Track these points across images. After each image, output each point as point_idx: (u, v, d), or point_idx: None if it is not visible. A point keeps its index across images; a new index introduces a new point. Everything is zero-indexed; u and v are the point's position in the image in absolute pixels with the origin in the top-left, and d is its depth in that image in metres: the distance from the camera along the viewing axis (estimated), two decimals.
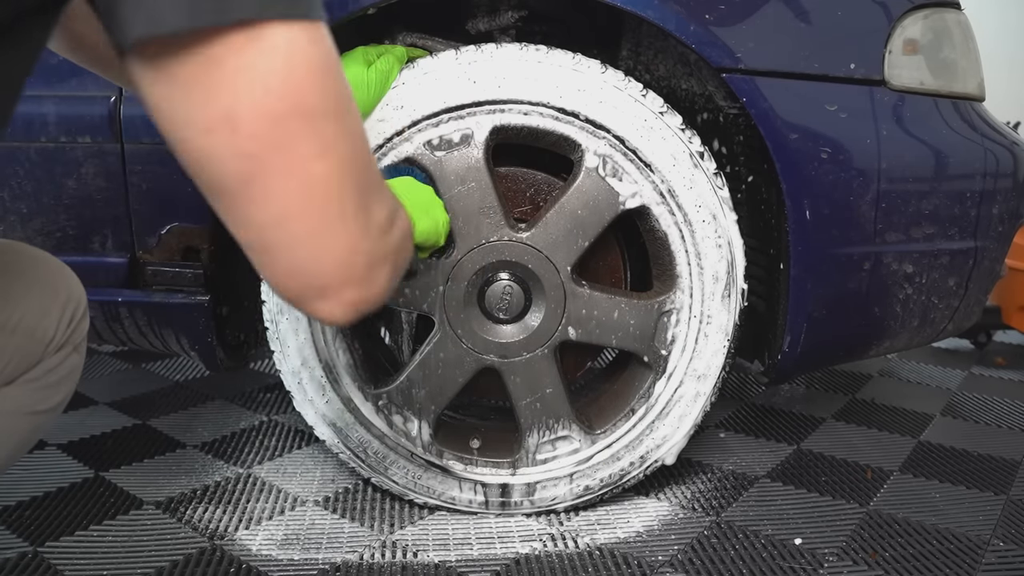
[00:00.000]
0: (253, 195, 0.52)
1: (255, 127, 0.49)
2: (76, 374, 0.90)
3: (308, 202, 0.52)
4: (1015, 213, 1.36)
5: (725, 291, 1.19)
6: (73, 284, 0.88)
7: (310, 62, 0.51)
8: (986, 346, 2.33)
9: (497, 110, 1.14)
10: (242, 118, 0.49)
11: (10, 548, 1.11)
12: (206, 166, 0.51)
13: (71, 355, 0.88)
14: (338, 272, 0.56)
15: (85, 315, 0.90)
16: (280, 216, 0.53)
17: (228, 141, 0.49)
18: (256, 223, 0.53)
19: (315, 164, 0.52)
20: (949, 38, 1.27)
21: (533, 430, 1.24)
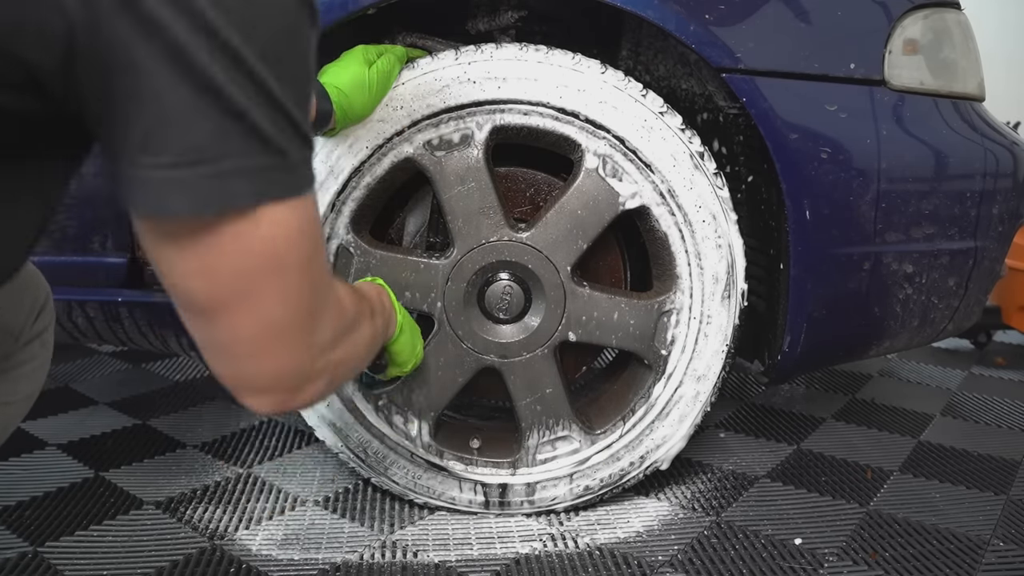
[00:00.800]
0: (215, 322, 0.59)
1: (230, 279, 0.56)
2: (44, 367, 0.92)
3: (260, 334, 0.60)
4: (1015, 213, 1.36)
5: (725, 291, 1.19)
6: (38, 279, 0.89)
7: (290, 232, 0.57)
8: (986, 346, 2.33)
9: (497, 110, 1.14)
10: (221, 272, 0.56)
11: (10, 548, 1.11)
12: (181, 298, 0.58)
13: (39, 348, 0.90)
14: (273, 384, 0.64)
15: (50, 309, 0.92)
16: (233, 339, 0.60)
17: (204, 286, 0.57)
18: (212, 339, 0.61)
19: (274, 307, 0.59)
20: (949, 38, 1.27)
21: (533, 430, 1.24)
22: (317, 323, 0.65)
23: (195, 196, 0.51)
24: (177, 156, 0.50)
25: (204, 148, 0.50)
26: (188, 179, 0.50)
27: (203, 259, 0.55)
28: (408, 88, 1.13)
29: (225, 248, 0.54)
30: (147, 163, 0.50)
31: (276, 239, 0.56)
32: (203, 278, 0.56)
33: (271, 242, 0.56)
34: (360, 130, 1.13)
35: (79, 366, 1.96)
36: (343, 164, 1.14)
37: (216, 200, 0.52)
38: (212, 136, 0.50)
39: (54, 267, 1.21)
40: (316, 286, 0.63)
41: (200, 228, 0.53)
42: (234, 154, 0.51)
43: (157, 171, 0.50)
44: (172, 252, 0.55)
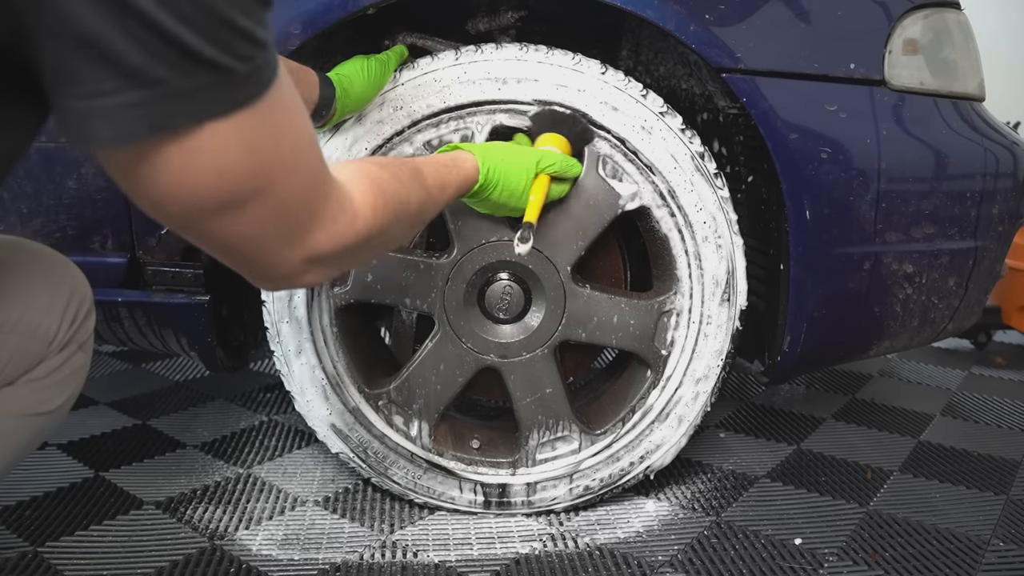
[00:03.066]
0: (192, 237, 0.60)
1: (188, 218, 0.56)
2: (82, 373, 0.88)
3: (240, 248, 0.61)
4: (1015, 213, 1.36)
5: (725, 292, 1.19)
6: (78, 280, 0.87)
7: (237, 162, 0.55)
8: (986, 346, 2.33)
9: (497, 111, 1.14)
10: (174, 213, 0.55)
11: (10, 548, 1.11)
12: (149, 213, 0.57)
13: (76, 354, 0.86)
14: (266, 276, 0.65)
15: (91, 313, 0.88)
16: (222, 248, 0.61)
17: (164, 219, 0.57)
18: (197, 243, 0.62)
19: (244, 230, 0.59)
20: (949, 38, 1.27)
21: (533, 430, 1.24)
22: (305, 235, 0.63)
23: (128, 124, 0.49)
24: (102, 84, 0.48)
25: (134, 73, 0.48)
26: (113, 107, 0.49)
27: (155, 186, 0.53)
28: (408, 88, 1.13)
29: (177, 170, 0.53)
30: (85, 92, 0.48)
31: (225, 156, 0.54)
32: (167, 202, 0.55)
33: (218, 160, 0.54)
34: (360, 130, 1.13)
35: None
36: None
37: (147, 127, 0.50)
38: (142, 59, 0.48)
39: None
40: (297, 194, 0.61)
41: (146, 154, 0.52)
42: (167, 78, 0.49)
43: (86, 100, 0.48)
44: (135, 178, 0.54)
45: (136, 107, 0.49)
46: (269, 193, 0.58)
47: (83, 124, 0.50)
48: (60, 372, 0.84)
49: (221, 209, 0.56)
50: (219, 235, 0.59)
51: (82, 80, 0.48)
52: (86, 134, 0.50)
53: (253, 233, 0.60)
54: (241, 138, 0.54)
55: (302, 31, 1.07)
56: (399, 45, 1.15)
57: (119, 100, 0.49)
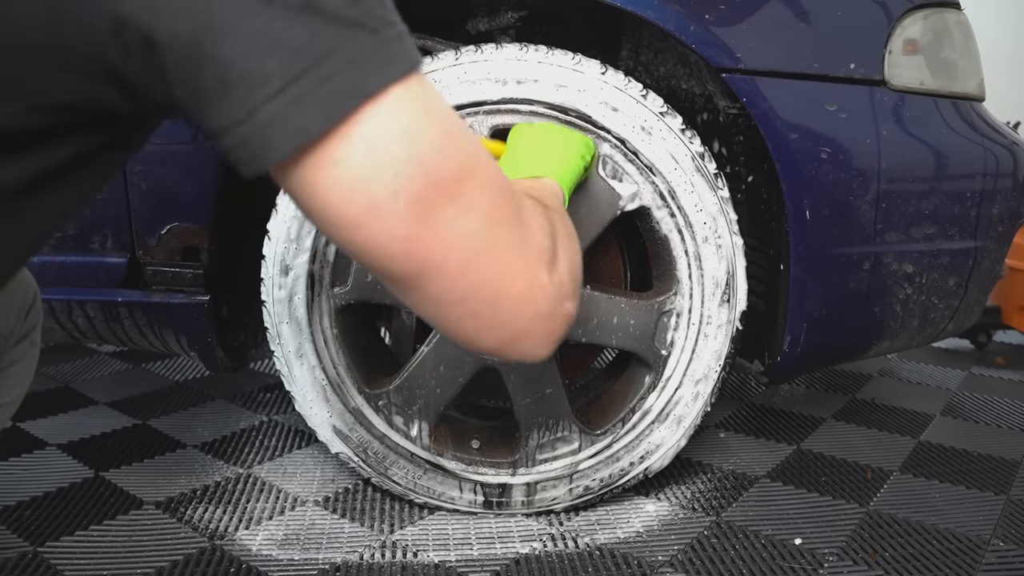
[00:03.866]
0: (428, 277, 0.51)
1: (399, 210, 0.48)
2: (32, 367, 0.92)
3: (480, 267, 0.52)
4: (1015, 213, 1.36)
5: (725, 292, 1.19)
6: (27, 278, 0.89)
7: (424, 127, 0.49)
8: (986, 346, 2.33)
9: (497, 111, 1.14)
10: (383, 207, 0.48)
11: (10, 548, 1.11)
12: (369, 259, 0.51)
13: (28, 348, 0.89)
14: (524, 317, 0.55)
15: (38, 309, 0.91)
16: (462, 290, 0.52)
17: (379, 229, 0.49)
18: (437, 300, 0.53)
19: (469, 224, 0.51)
20: (949, 38, 1.27)
21: (533, 430, 1.24)
22: (523, 229, 0.54)
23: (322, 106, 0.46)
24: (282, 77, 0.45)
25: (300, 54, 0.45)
26: (306, 92, 0.45)
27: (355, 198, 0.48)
28: None
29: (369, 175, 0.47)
30: (260, 100, 0.45)
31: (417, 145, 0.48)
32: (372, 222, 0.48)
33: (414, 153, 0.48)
34: None
35: (79, 366, 1.96)
36: None
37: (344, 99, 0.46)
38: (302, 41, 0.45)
39: (54, 267, 1.21)
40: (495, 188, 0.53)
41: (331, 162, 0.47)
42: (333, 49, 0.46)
43: (272, 102, 0.45)
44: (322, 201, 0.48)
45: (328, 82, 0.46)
46: (470, 167, 0.51)
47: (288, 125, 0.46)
48: (15, 366, 0.87)
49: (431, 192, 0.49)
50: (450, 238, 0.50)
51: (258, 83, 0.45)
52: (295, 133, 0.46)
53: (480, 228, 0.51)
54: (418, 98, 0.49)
55: None
56: None
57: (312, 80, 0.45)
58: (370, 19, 0.48)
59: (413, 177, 0.48)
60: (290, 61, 0.45)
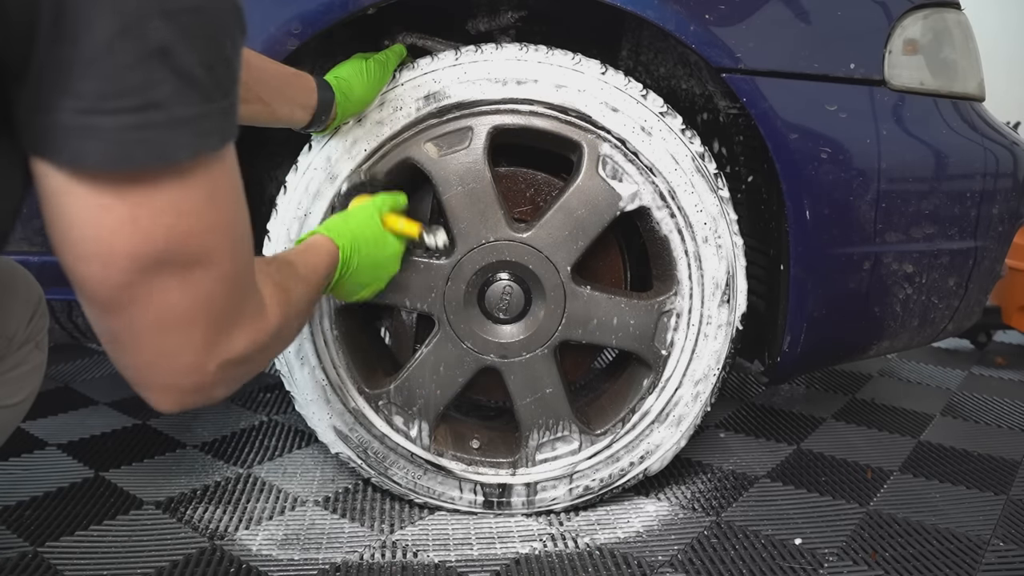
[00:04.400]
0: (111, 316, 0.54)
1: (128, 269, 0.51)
2: (40, 371, 0.92)
3: (159, 331, 0.55)
4: (1015, 213, 1.36)
5: (725, 292, 1.19)
6: (31, 282, 0.89)
7: (196, 212, 0.52)
8: (986, 346, 2.33)
9: (497, 111, 1.14)
10: (116, 258, 0.50)
11: (10, 548, 1.11)
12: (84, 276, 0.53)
13: (33, 351, 0.90)
14: (170, 384, 0.59)
15: (43, 312, 0.91)
16: (132, 335, 0.55)
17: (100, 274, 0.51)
18: (110, 332, 0.56)
19: (177, 301, 0.54)
20: (949, 38, 1.27)
21: (533, 430, 1.24)
22: (227, 327, 0.59)
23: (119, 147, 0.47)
24: (93, 101, 0.46)
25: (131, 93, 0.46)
26: (105, 127, 0.46)
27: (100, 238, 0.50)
28: (408, 88, 1.13)
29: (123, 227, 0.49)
30: (64, 106, 0.46)
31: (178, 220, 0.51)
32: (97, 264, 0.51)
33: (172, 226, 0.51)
34: (360, 131, 1.13)
35: (79, 366, 1.96)
36: (343, 164, 1.14)
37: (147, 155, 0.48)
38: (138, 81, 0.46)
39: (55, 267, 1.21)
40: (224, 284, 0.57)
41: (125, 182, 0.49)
42: (165, 102, 0.47)
43: (73, 115, 0.46)
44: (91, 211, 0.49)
45: (136, 130, 0.47)
46: (216, 261, 0.55)
47: (78, 141, 0.47)
48: (20, 369, 0.88)
49: (169, 264, 0.52)
50: (152, 306, 0.53)
51: (82, 94, 0.46)
52: (78, 151, 0.47)
53: (187, 309, 0.54)
54: (209, 181, 0.52)
55: (302, 31, 1.07)
56: (398, 44, 1.15)
57: (119, 121, 0.47)
58: (213, 87, 0.49)
59: (157, 247, 0.51)
60: (111, 95, 0.46)
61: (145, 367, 0.58)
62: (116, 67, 0.45)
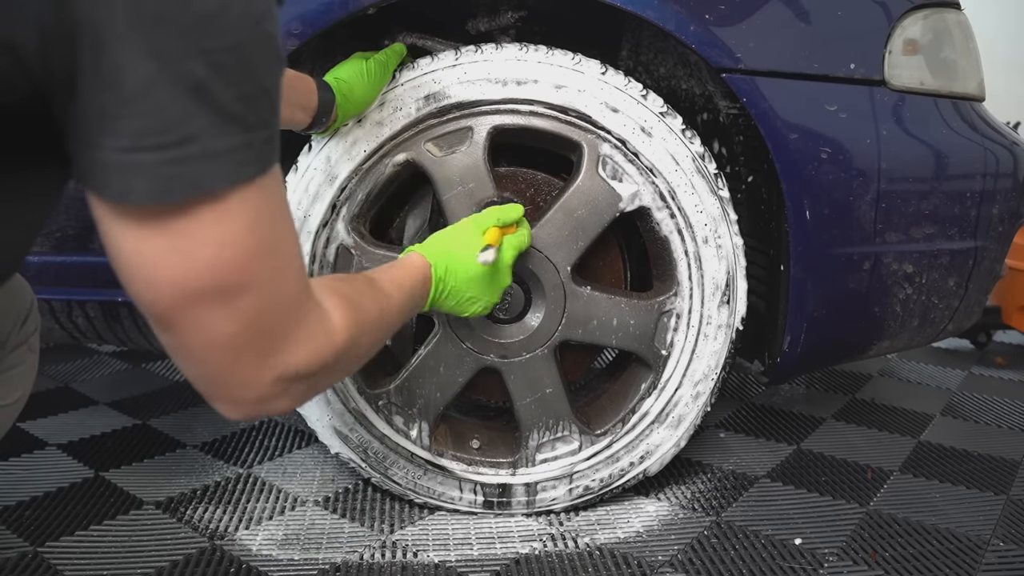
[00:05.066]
0: (164, 333, 0.57)
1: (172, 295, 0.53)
2: (33, 371, 0.92)
3: (211, 351, 0.57)
4: (1015, 213, 1.36)
5: (725, 293, 1.19)
6: (23, 285, 0.90)
7: (237, 241, 0.53)
8: (986, 346, 2.33)
9: (497, 111, 1.14)
10: (161, 286, 0.53)
11: (10, 548, 1.11)
12: (136, 297, 0.55)
13: (26, 353, 0.90)
14: (231, 396, 0.61)
15: (35, 314, 0.92)
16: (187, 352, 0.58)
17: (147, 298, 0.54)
18: (168, 345, 0.59)
19: (224, 326, 0.56)
20: (949, 38, 1.27)
21: (533, 430, 1.23)
22: (282, 349, 0.60)
23: (160, 181, 0.49)
24: (135, 139, 0.47)
25: (165, 130, 0.48)
26: (147, 163, 0.48)
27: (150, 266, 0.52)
28: (408, 89, 1.13)
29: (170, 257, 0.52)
30: (108, 145, 0.48)
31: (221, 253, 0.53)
32: (149, 292, 0.53)
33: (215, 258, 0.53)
34: (359, 132, 1.13)
35: (79, 366, 1.96)
36: (342, 165, 1.14)
37: (185, 188, 0.49)
38: (176, 117, 0.48)
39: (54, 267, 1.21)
40: (271, 305, 0.58)
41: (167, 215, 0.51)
42: (201, 136, 0.49)
43: (117, 154, 0.48)
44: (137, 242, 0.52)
45: (174, 164, 0.48)
46: (261, 286, 0.56)
47: (121, 178, 0.49)
48: (15, 370, 0.88)
49: (213, 293, 0.54)
50: (201, 330, 0.55)
51: (123, 133, 0.47)
52: (122, 188, 0.49)
53: (234, 333, 0.56)
54: (249, 210, 0.53)
55: (302, 31, 1.07)
56: (398, 43, 1.15)
57: (158, 157, 0.48)
58: (251, 117, 0.51)
59: (200, 279, 0.53)
60: (151, 132, 0.47)
61: (206, 380, 0.60)
62: (154, 106, 0.47)
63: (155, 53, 0.46)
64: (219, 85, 0.48)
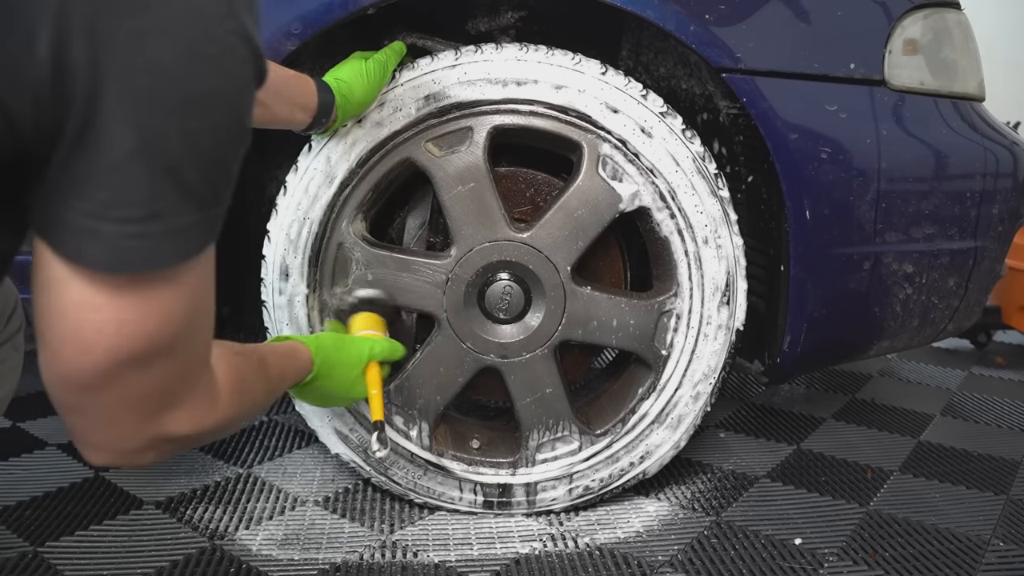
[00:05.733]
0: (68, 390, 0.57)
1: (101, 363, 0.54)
2: (17, 370, 0.92)
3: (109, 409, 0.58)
4: (1015, 213, 1.36)
5: (725, 293, 1.19)
6: (7, 285, 0.89)
7: (174, 312, 0.55)
8: (986, 346, 2.33)
9: (497, 111, 1.14)
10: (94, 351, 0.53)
11: (10, 548, 1.11)
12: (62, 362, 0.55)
13: (10, 352, 0.90)
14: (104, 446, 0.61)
15: (18, 312, 0.92)
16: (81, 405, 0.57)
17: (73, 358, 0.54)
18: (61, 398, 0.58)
19: (135, 389, 0.57)
20: (949, 38, 1.27)
21: (533, 430, 1.23)
22: (172, 410, 0.61)
23: (117, 253, 0.50)
24: (101, 208, 0.49)
25: (133, 204, 0.49)
26: (108, 234, 0.49)
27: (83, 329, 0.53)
28: (407, 89, 1.13)
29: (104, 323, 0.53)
30: (74, 206, 0.49)
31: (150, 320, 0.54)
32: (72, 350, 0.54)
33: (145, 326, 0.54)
34: (359, 132, 1.13)
35: None
36: (342, 166, 1.14)
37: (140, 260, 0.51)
38: (145, 194, 0.49)
39: None
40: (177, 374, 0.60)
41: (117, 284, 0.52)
42: (165, 214, 0.50)
43: (81, 217, 0.49)
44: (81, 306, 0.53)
45: (134, 238, 0.50)
46: (180, 353, 0.58)
47: (79, 240, 0.50)
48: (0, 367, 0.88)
49: (142, 361, 0.55)
50: (110, 393, 0.56)
51: (91, 199, 0.48)
52: (78, 250, 0.50)
53: (142, 395, 0.57)
54: (192, 283, 0.55)
55: (302, 31, 1.07)
56: (397, 42, 1.15)
57: (120, 229, 0.49)
58: (211, 199, 0.53)
59: (135, 347, 0.54)
60: (118, 204, 0.49)
61: (85, 429, 0.60)
62: (128, 180, 0.49)
63: (140, 128, 0.48)
64: (192, 166, 0.50)
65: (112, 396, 0.57)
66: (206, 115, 0.50)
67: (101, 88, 0.47)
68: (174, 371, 0.59)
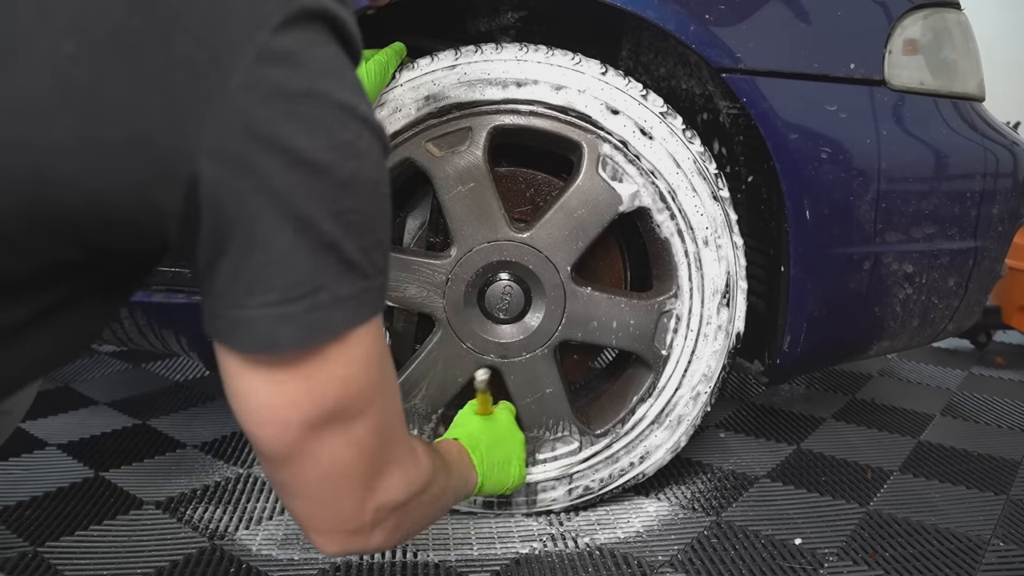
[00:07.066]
0: (284, 469, 0.62)
1: (300, 431, 0.58)
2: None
3: (325, 478, 0.62)
4: (1015, 213, 1.36)
5: (725, 294, 1.19)
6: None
7: (356, 377, 0.59)
8: (986, 346, 2.33)
9: (497, 111, 1.14)
10: (291, 425, 0.58)
11: (10, 548, 1.11)
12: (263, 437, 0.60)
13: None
14: (334, 527, 0.66)
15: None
16: (302, 484, 0.63)
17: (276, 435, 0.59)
18: (283, 482, 0.64)
19: (341, 453, 0.61)
20: (949, 38, 1.27)
21: (533, 430, 1.23)
22: (382, 472, 0.66)
23: (303, 328, 0.54)
24: (282, 293, 0.53)
25: (304, 283, 0.53)
26: (292, 314, 0.53)
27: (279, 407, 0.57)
28: (407, 89, 1.13)
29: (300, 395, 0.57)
30: (254, 303, 0.53)
31: (345, 386, 0.59)
32: (275, 428, 0.58)
33: (340, 390, 0.58)
34: None
35: (79, 366, 1.96)
36: None
37: (317, 332, 0.55)
38: (311, 271, 0.53)
39: None
40: (382, 435, 0.64)
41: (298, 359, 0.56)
42: (330, 284, 0.54)
43: (264, 309, 0.53)
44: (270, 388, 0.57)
45: (310, 312, 0.54)
46: (372, 411, 0.62)
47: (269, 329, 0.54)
48: None
49: (335, 421, 0.59)
50: (318, 461, 0.60)
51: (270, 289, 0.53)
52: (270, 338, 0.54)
53: (349, 461, 0.62)
54: (365, 347, 0.59)
55: None
56: (397, 43, 1.15)
57: (303, 305, 0.53)
58: (370, 267, 0.56)
59: (325, 410, 0.58)
60: (293, 285, 0.53)
61: (312, 513, 0.64)
62: (295, 263, 0.53)
63: (297, 219, 0.52)
64: (347, 241, 0.54)
65: (324, 465, 0.61)
66: (353, 196, 0.54)
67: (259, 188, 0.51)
68: (377, 432, 0.63)
